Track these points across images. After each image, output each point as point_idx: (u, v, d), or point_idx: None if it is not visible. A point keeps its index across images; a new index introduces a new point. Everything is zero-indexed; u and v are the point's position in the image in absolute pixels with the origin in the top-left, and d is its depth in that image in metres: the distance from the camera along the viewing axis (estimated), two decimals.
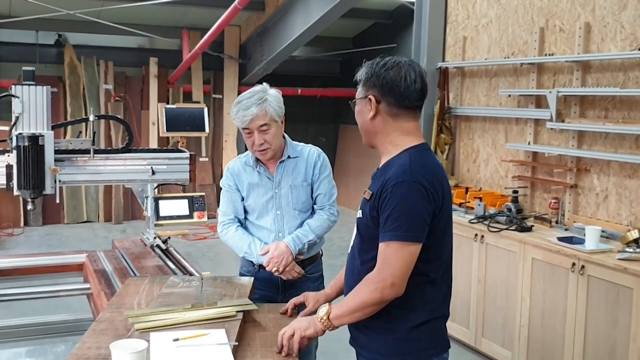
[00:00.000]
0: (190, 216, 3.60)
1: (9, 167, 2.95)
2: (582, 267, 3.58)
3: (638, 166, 3.90)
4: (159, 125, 3.64)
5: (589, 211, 4.24)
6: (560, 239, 3.87)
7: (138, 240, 3.69)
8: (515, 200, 4.52)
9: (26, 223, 8.64)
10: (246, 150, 2.87)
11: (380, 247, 1.94)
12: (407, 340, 2.00)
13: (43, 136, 2.96)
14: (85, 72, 9.14)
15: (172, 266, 3.13)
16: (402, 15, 9.04)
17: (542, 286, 3.88)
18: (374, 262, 1.96)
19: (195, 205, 3.60)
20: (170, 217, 3.55)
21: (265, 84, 2.81)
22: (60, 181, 3.03)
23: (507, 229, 4.22)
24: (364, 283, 1.96)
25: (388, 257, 1.91)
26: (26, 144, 2.91)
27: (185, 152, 3.42)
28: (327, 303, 2.06)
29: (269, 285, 2.79)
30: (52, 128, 3.05)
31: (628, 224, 3.92)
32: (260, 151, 2.73)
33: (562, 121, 4.36)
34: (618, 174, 4.04)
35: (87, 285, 3.15)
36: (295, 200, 2.81)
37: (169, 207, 3.57)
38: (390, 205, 1.91)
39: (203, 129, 3.79)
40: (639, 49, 3.88)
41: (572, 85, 4.32)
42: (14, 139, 2.92)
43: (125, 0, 7.99)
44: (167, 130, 3.76)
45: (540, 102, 4.63)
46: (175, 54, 9.35)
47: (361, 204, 2.08)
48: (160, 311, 2.14)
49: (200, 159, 9.42)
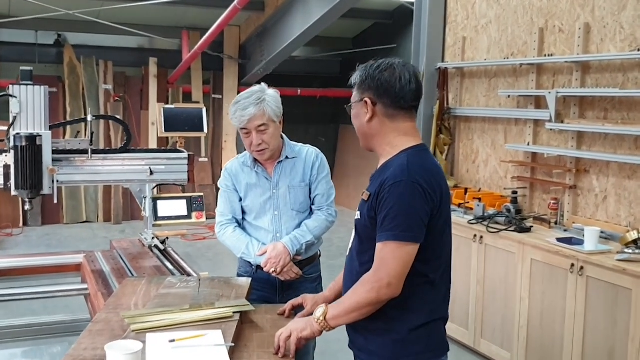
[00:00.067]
0: (188, 217, 3.59)
1: (6, 167, 2.95)
2: (581, 268, 3.58)
3: (637, 167, 3.90)
4: (158, 125, 3.64)
5: (588, 212, 4.23)
6: (559, 239, 3.87)
7: (136, 240, 3.69)
8: (515, 201, 4.50)
9: (25, 223, 8.63)
10: (245, 150, 2.86)
11: (377, 247, 1.93)
12: (406, 343, 1.98)
13: (41, 136, 2.95)
14: (84, 72, 9.13)
15: (170, 267, 3.13)
16: (402, 16, 9.04)
17: (541, 287, 3.87)
18: (372, 264, 1.95)
19: (193, 205, 3.59)
20: (169, 218, 3.55)
21: (263, 84, 2.80)
22: (58, 181, 3.03)
23: (506, 229, 4.21)
24: (361, 283, 1.95)
25: (385, 257, 1.90)
26: (24, 144, 2.91)
27: (183, 152, 3.41)
28: (324, 304, 2.05)
29: (267, 286, 2.78)
30: (50, 128, 3.04)
31: (627, 225, 3.91)
32: (258, 151, 2.72)
33: (562, 122, 4.35)
34: (617, 175, 4.03)
35: (85, 286, 3.14)
36: (293, 201, 2.80)
37: (168, 208, 3.56)
38: (387, 205, 1.90)
39: (202, 129, 3.79)
40: (638, 50, 3.87)
41: (571, 86, 4.31)
42: (12, 138, 2.92)
43: (125, 0, 7.98)
44: (165, 131, 3.75)
45: (539, 102, 4.62)
46: (174, 54, 9.34)
47: (359, 206, 2.07)
48: (157, 312, 2.13)
49: (200, 159, 9.41)
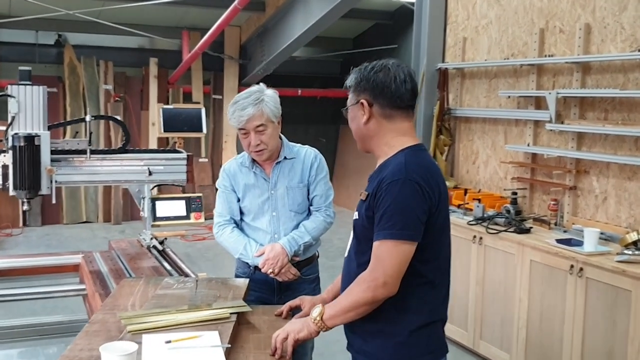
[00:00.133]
0: (187, 217, 3.59)
1: (4, 167, 2.94)
2: (581, 269, 3.56)
3: (638, 168, 3.88)
4: (157, 125, 3.63)
5: (588, 213, 4.22)
6: (558, 241, 3.85)
7: (135, 241, 3.68)
8: (515, 201, 4.49)
9: (25, 223, 8.62)
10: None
11: (374, 246, 1.91)
12: (405, 344, 1.97)
13: (39, 136, 2.95)
14: (85, 72, 9.13)
15: (168, 267, 3.12)
16: (403, 16, 9.03)
17: (541, 288, 3.86)
18: None
19: (192, 206, 3.59)
20: (167, 218, 3.54)
21: (262, 84, 2.80)
22: (56, 181, 3.02)
23: (505, 230, 4.20)
24: (357, 282, 1.94)
25: (381, 255, 1.89)
26: (22, 144, 2.90)
27: (182, 152, 3.41)
28: (320, 304, 2.03)
29: (265, 287, 2.78)
30: (49, 128, 3.04)
31: (627, 226, 3.90)
32: (257, 152, 2.71)
33: (562, 123, 4.34)
34: (617, 176, 4.02)
35: (83, 286, 3.14)
36: (291, 202, 2.79)
37: (166, 208, 3.56)
38: (385, 203, 1.89)
39: (200, 130, 3.78)
40: (639, 50, 3.86)
41: (571, 86, 4.30)
42: (10, 139, 2.91)
43: (125, 1, 7.98)
44: (164, 131, 3.75)
45: (539, 103, 4.61)
46: (175, 54, 9.35)
47: (357, 206, 2.06)
48: (154, 313, 2.12)
49: (200, 160, 9.41)
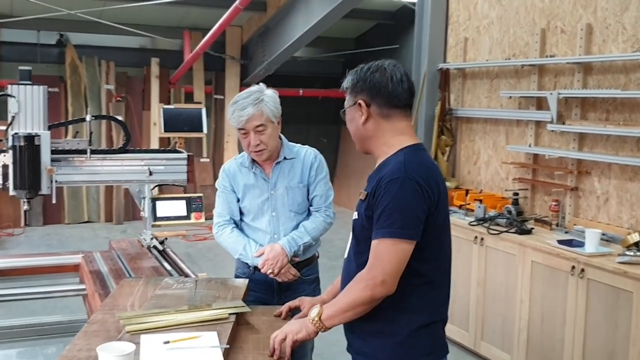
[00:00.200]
0: (187, 217, 3.58)
1: (5, 167, 2.94)
2: (582, 270, 3.55)
3: (639, 169, 3.87)
4: (157, 125, 3.63)
5: (589, 214, 4.21)
6: (560, 241, 3.84)
7: (135, 241, 3.68)
8: (516, 202, 4.48)
9: (27, 223, 8.63)
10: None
11: (372, 244, 1.90)
12: (405, 345, 1.96)
13: (39, 136, 2.95)
14: (86, 72, 9.13)
15: (168, 267, 3.12)
16: (404, 16, 9.02)
17: (542, 289, 3.85)
18: None
19: (192, 206, 3.59)
20: (168, 218, 3.54)
21: (262, 84, 2.79)
22: (56, 181, 3.02)
23: (507, 231, 4.19)
24: (355, 281, 1.93)
25: (379, 254, 1.88)
26: (22, 143, 2.90)
27: (182, 152, 3.40)
28: (318, 305, 2.02)
29: (264, 288, 2.77)
30: (49, 128, 3.04)
31: (629, 227, 3.89)
32: (256, 152, 2.71)
33: (563, 123, 4.33)
34: (619, 177, 4.01)
35: (83, 286, 3.13)
36: (291, 202, 2.78)
37: (167, 208, 3.55)
38: (383, 202, 1.88)
39: (201, 130, 3.78)
40: None
41: (573, 87, 4.29)
42: (10, 138, 2.91)
43: (127, 1, 7.98)
44: (165, 131, 3.75)
45: (541, 104, 4.60)
46: (176, 54, 9.34)
47: (357, 206, 2.06)
48: (153, 313, 2.12)
49: (202, 160, 9.41)
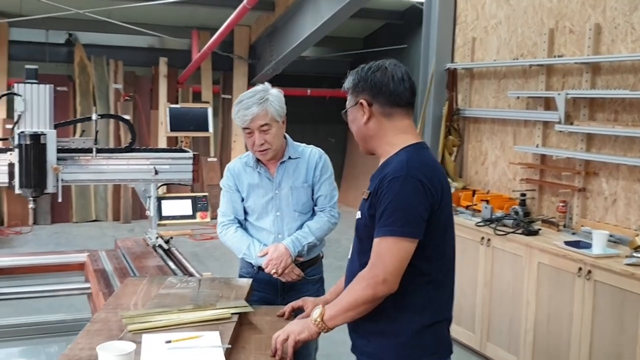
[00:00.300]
0: (193, 216, 3.59)
1: (11, 166, 2.95)
2: (589, 272, 3.53)
3: None
4: (164, 124, 3.64)
5: (597, 215, 4.18)
6: (567, 243, 3.81)
7: (141, 240, 3.68)
8: (523, 203, 4.45)
9: (35, 221, 8.66)
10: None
11: (374, 242, 1.89)
12: (409, 345, 1.95)
13: (45, 135, 2.96)
14: (95, 71, 9.17)
15: (173, 266, 3.12)
16: (413, 16, 8.99)
17: (548, 291, 3.82)
18: None
19: (198, 205, 3.59)
20: (173, 217, 3.55)
21: (267, 84, 2.79)
22: (62, 180, 3.02)
23: (513, 232, 4.16)
24: (356, 281, 1.92)
25: (381, 252, 1.87)
26: (28, 142, 2.91)
27: (188, 152, 3.41)
28: (321, 305, 2.01)
29: (268, 287, 2.76)
30: (55, 127, 3.05)
31: (637, 229, 3.86)
32: (261, 151, 2.70)
33: (571, 124, 4.30)
34: (627, 178, 3.98)
35: (87, 285, 3.14)
36: (296, 202, 2.77)
37: (172, 207, 3.56)
38: (385, 200, 1.87)
39: (206, 129, 3.79)
40: None
41: (581, 87, 4.26)
42: (16, 137, 2.92)
43: (135, 0, 8.00)
44: (171, 130, 3.77)
45: (549, 104, 4.57)
46: (185, 53, 9.35)
47: (360, 205, 2.05)
48: (155, 312, 2.12)
49: (209, 159, 9.41)
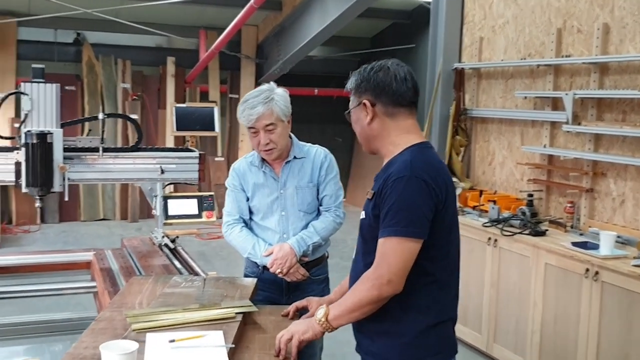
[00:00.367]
0: (199, 216, 3.60)
1: (17, 165, 2.96)
2: (596, 273, 3.51)
3: None
4: (170, 124, 3.64)
5: (605, 216, 4.16)
6: (574, 244, 3.79)
7: (147, 238, 3.69)
8: (530, 203, 4.43)
9: (43, 220, 8.70)
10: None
11: (378, 243, 1.89)
12: (414, 345, 1.95)
13: (52, 134, 2.96)
14: (103, 70, 9.19)
15: (179, 265, 3.12)
16: (420, 15, 8.97)
17: (555, 292, 3.80)
18: None
19: (204, 204, 3.60)
20: (179, 217, 3.55)
21: (272, 83, 2.79)
22: (69, 179, 3.03)
23: (520, 233, 4.14)
24: (361, 281, 1.92)
25: (386, 252, 1.87)
26: (34, 141, 2.92)
27: (194, 151, 3.41)
28: (325, 305, 2.01)
29: (273, 287, 2.76)
30: (62, 126, 3.05)
31: None
32: (266, 151, 2.70)
33: (579, 124, 4.28)
34: (635, 179, 3.95)
35: (94, 284, 3.15)
36: (301, 202, 2.77)
37: (178, 206, 3.57)
38: (390, 200, 1.87)
39: (213, 129, 3.80)
40: None
41: (589, 87, 4.23)
42: (23, 136, 2.93)
43: (143, 0, 8.02)
44: (177, 130, 3.78)
45: (556, 104, 4.54)
46: (192, 53, 9.36)
47: (364, 205, 2.05)
48: (160, 311, 2.12)
49: (216, 159, 9.42)
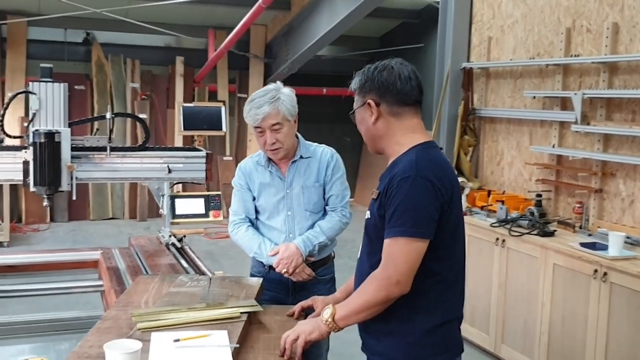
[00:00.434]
0: (206, 215, 3.61)
1: (25, 164, 2.97)
2: (605, 274, 3.48)
3: None
4: (177, 123, 3.65)
5: (614, 216, 4.13)
6: (582, 244, 3.77)
7: (154, 238, 3.69)
8: (539, 204, 4.41)
9: (52, 219, 8.74)
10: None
11: (385, 244, 1.89)
12: (420, 344, 1.95)
13: (59, 133, 2.97)
14: (112, 70, 9.22)
15: (185, 265, 3.13)
16: (429, 15, 8.94)
17: (563, 293, 3.78)
18: None
19: (211, 204, 3.61)
20: (186, 216, 3.57)
21: (279, 82, 2.79)
22: (76, 178, 3.04)
23: (529, 233, 4.12)
24: (369, 282, 1.92)
25: (393, 253, 1.87)
26: (42, 140, 2.93)
27: (201, 150, 3.41)
28: (331, 305, 2.00)
29: (279, 287, 2.75)
30: (69, 125, 3.06)
31: None
32: (272, 150, 2.70)
33: (588, 124, 4.25)
34: None
35: (100, 283, 3.16)
36: (307, 201, 2.77)
37: (185, 206, 3.58)
38: (395, 200, 1.87)
39: (220, 128, 3.80)
40: None
41: (598, 87, 4.21)
42: (31, 135, 2.94)
43: None
44: (184, 129, 3.78)
45: (565, 104, 4.52)
46: (201, 53, 9.38)
47: (369, 205, 2.05)
48: (165, 311, 2.12)
49: (225, 158, 9.42)
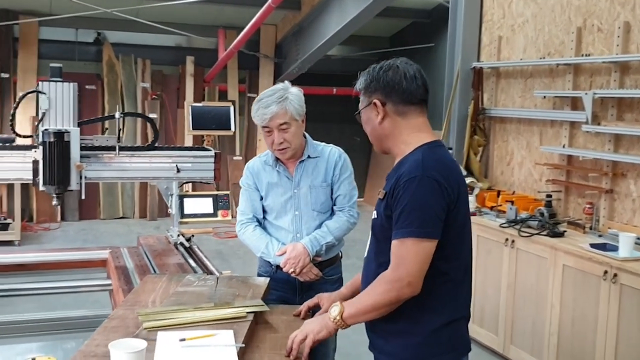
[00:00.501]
0: (214, 214, 3.61)
1: (35, 163, 2.99)
2: (615, 275, 3.46)
3: None
4: (186, 123, 3.66)
5: (624, 217, 4.10)
6: (592, 245, 3.74)
7: (163, 237, 3.70)
8: (549, 204, 4.38)
9: (63, 218, 8.79)
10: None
11: (393, 245, 1.88)
12: (427, 344, 1.95)
13: (69, 132, 2.98)
14: (123, 70, 9.26)
15: (193, 264, 3.13)
16: (440, 15, 8.91)
17: (573, 294, 3.76)
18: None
19: (219, 203, 3.61)
20: (195, 215, 3.57)
21: (287, 82, 2.78)
22: (85, 177, 3.05)
23: (538, 233, 4.10)
24: (379, 282, 1.91)
25: (403, 254, 1.86)
26: (52, 140, 2.94)
27: (210, 150, 3.42)
28: (339, 302, 2.00)
29: (286, 287, 2.75)
30: (79, 124, 3.08)
31: None
32: (280, 150, 2.70)
33: (599, 124, 4.22)
34: None
35: (109, 282, 3.17)
36: (314, 201, 2.76)
37: (194, 205, 3.59)
38: (402, 201, 1.86)
39: (228, 128, 3.80)
40: None
41: (609, 86, 4.18)
42: (40, 134, 2.96)
43: None
44: (192, 129, 3.79)
45: (576, 104, 4.49)
46: (211, 52, 9.39)
47: (376, 205, 2.04)
48: (172, 310, 2.12)
49: (234, 158, 9.44)
